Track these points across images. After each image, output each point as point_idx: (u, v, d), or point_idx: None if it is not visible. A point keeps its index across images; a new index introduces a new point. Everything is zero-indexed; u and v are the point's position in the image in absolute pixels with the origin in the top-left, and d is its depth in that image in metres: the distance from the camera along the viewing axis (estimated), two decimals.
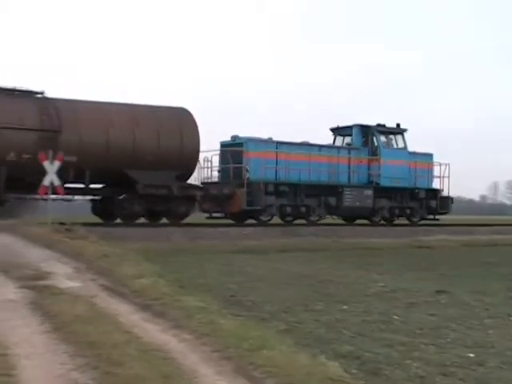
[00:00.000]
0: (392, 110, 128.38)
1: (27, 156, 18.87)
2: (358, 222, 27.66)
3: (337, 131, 28.90)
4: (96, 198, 22.71)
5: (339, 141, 28.90)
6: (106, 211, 22.35)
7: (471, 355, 6.10)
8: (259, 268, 13.44)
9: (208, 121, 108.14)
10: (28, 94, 20.57)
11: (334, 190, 25.79)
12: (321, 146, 27.04)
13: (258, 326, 7.18)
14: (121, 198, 22.00)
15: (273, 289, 10.33)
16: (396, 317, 8.04)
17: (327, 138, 29.36)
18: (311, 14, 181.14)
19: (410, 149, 28.42)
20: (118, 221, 22.00)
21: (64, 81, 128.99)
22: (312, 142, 26.92)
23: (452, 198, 29.92)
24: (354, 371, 5.54)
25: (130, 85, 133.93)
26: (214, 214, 25.13)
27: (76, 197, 22.18)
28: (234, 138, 25.08)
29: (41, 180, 17.52)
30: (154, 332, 6.63)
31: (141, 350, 5.52)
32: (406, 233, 23.88)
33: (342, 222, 27.34)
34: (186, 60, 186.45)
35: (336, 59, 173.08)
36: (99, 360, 5.00)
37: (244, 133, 25.33)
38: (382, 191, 27.08)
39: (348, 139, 28.38)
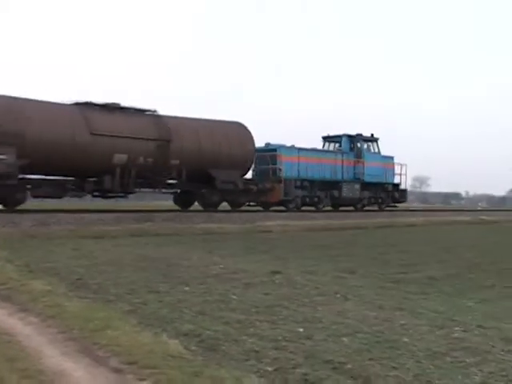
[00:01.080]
0: None
1: (150, 160, 24.90)
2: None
3: (328, 139, 36.36)
4: (177, 191, 28.60)
5: (330, 147, 36.19)
6: (186, 201, 28.89)
7: (301, 330, 6.35)
8: (109, 252, 13.28)
9: None
10: (144, 112, 26.28)
11: (336, 184, 33.61)
12: (325, 151, 35.17)
13: (103, 308, 7.18)
14: (203, 191, 27.61)
15: (120, 272, 10.23)
16: (234, 296, 8.21)
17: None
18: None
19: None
20: None
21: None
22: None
23: (406, 190, 39.66)
24: (194, 348, 5.64)
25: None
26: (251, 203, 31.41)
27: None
28: (267, 144, 31.94)
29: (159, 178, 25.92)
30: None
31: None
32: (250, 218, 24.34)
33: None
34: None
35: None
36: None
37: (275, 141, 32.65)
38: (365, 185, 35.16)
39: (337, 145, 35.72)
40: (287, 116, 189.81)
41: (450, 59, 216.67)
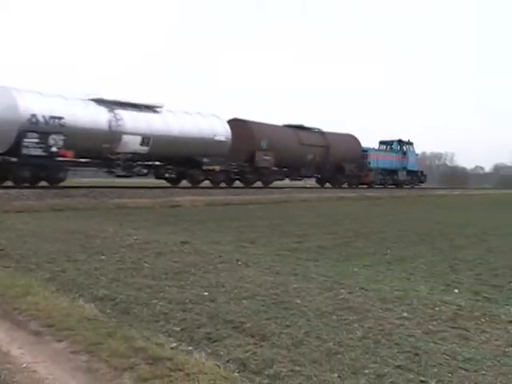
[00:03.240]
0: None
1: (320, 158, 40.64)
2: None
3: (383, 142, 50.59)
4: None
5: (381, 147, 50.14)
6: (323, 182, 44.59)
7: (206, 294, 6.41)
8: (31, 225, 12.90)
9: None
10: (316, 130, 42.51)
11: (395, 172, 49.34)
12: (389, 151, 49.84)
13: (25, 276, 7.02)
14: (339, 176, 43.33)
15: (41, 243, 9.99)
16: (146, 264, 8.19)
17: None
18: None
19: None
20: None
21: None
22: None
23: (426, 175, 57.17)
24: (108, 311, 5.63)
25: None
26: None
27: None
28: (362, 148, 45.53)
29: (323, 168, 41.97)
30: None
31: None
32: (161, 194, 24.15)
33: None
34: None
35: None
36: None
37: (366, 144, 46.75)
38: (408, 172, 50.92)
39: (389, 147, 50.11)
40: None
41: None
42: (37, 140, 23.80)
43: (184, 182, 31.78)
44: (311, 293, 6.58)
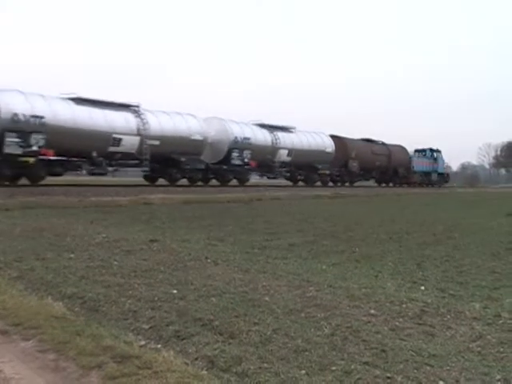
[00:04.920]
0: None
1: (384, 164, 55.92)
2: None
3: (418, 150, 63.67)
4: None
5: (419, 154, 63.48)
6: (381, 181, 59.75)
7: (175, 291, 6.40)
8: (0, 223, 12.72)
9: None
10: (378, 142, 56.63)
11: (429, 174, 62.91)
12: (425, 157, 63.29)
13: None
14: (395, 177, 59.56)
15: (10, 241, 9.84)
16: (115, 262, 8.14)
17: None
18: None
19: None
20: None
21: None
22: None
23: (449, 175, 72.25)
24: (77, 309, 5.60)
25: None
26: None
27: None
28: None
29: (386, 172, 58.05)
30: None
31: None
32: (133, 191, 24.02)
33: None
34: None
35: None
36: None
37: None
38: (438, 174, 64.34)
39: (423, 153, 63.59)
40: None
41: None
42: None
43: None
44: (280, 290, 6.59)
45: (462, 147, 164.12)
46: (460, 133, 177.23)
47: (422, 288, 6.99)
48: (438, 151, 64.39)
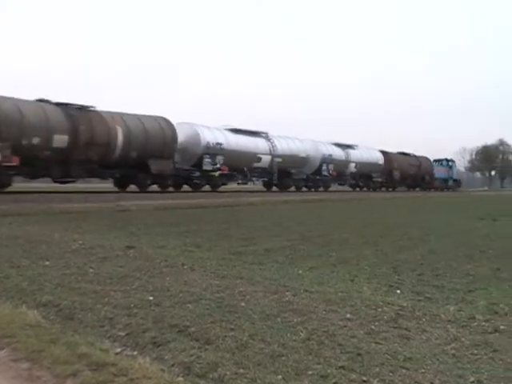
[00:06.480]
0: None
1: (414, 173, 69.58)
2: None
3: (436, 160, 76.53)
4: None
5: (438, 164, 76.31)
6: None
7: (151, 298, 6.37)
8: None
9: None
10: (411, 155, 70.58)
11: (446, 180, 76.50)
12: (442, 165, 76.92)
13: None
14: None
15: None
16: (91, 269, 8.08)
17: None
18: None
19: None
20: None
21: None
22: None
23: (461, 181, 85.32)
24: (52, 317, 5.55)
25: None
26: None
27: None
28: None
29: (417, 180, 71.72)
30: None
31: None
32: (109, 198, 23.91)
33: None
34: None
35: None
36: None
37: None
38: (453, 180, 78.08)
39: (440, 163, 76.86)
40: None
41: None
42: None
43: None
44: (256, 296, 6.60)
45: (439, 151, 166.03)
46: (438, 137, 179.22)
47: (398, 291, 7.05)
48: (452, 161, 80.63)
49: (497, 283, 7.66)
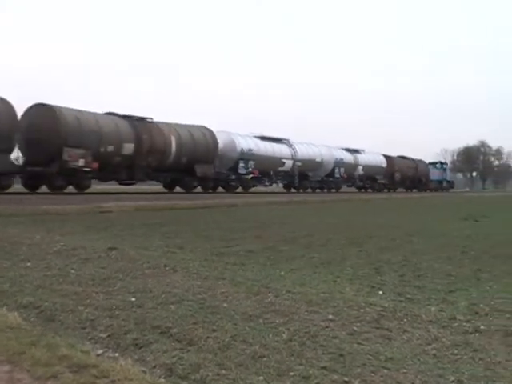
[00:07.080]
0: None
1: (412, 175, 76.50)
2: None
3: (431, 163, 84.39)
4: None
5: (432, 166, 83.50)
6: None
7: (133, 299, 6.36)
8: None
9: None
10: (414, 160, 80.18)
11: (440, 181, 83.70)
12: (436, 168, 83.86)
13: None
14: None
15: None
16: (73, 271, 8.03)
17: None
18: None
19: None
20: None
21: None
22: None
23: (454, 182, 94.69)
24: (33, 319, 5.51)
25: None
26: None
27: None
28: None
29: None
30: None
31: None
32: (90, 199, 23.79)
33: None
34: None
35: None
36: None
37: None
38: (447, 182, 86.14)
39: (435, 165, 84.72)
40: None
41: None
42: None
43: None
44: (238, 297, 6.60)
45: (421, 153, 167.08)
46: (421, 139, 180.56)
47: (380, 292, 7.08)
48: (445, 164, 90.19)
49: (477, 284, 7.73)
